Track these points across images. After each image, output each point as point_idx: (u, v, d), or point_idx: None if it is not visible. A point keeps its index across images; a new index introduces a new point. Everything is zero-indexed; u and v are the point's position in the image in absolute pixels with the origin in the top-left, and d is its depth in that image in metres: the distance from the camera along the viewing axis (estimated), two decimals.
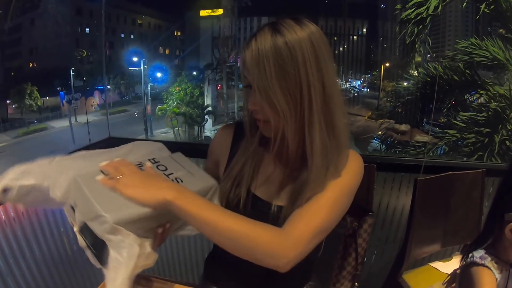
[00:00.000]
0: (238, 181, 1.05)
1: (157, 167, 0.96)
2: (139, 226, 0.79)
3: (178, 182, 0.93)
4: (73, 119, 29.18)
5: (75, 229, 0.86)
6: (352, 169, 0.99)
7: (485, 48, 8.55)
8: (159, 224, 0.86)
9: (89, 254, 0.85)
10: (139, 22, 43.34)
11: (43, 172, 0.88)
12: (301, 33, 0.85)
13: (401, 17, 9.53)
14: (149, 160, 0.98)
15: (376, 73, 37.32)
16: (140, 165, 0.92)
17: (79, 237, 0.86)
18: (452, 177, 1.84)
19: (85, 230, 0.82)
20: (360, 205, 1.23)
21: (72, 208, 0.85)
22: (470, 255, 1.26)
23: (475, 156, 8.12)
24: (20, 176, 0.87)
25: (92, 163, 0.89)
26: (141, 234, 0.80)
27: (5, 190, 0.88)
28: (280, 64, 0.83)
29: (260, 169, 1.08)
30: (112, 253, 0.75)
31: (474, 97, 8.98)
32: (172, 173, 0.96)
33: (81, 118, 29.86)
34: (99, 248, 0.80)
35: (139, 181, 0.81)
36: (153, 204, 0.78)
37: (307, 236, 0.83)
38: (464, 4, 9.50)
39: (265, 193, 1.06)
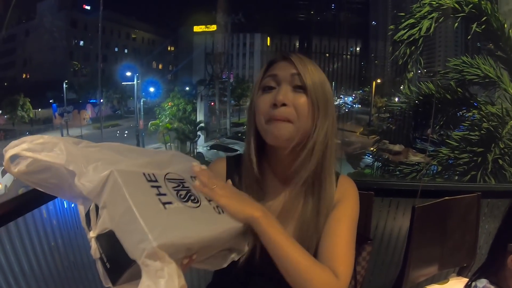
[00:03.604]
0: None
1: None
2: (177, 254, 0.68)
3: (219, 212, 0.85)
4: (65, 132, 29.07)
5: (91, 234, 0.72)
6: (354, 198, 1.06)
7: (476, 66, 8.65)
8: (186, 255, 0.74)
9: (99, 267, 0.73)
10: (133, 36, 43.75)
11: (70, 152, 0.71)
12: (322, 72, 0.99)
13: (394, 38, 9.64)
14: (191, 177, 0.88)
15: (367, 89, 37.77)
16: (182, 182, 0.84)
17: (93, 244, 0.72)
18: (449, 202, 1.85)
19: (105, 238, 0.70)
20: (359, 233, 1.23)
21: (96, 208, 0.72)
22: (473, 284, 1.26)
23: (469, 176, 8.16)
24: (39, 148, 0.71)
25: (126, 159, 0.77)
26: None
27: (15, 159, 0.72)
28: (321, 80, 0.96)
29: (266, 202, 1.05)
30: (146, 281, 0.64)
31: (466, 114, 9.05)
32: (211, 201, 0.86)
33: (73, 131, 29.78)
34: (116, 264, 0.70)
35: (231, 193, 0.86)
36: (241, 218, 0.82)
37: (349, 278, 0.92)
38: (456, 24, 9.62)
39: None
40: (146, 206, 0.68)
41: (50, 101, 32.38)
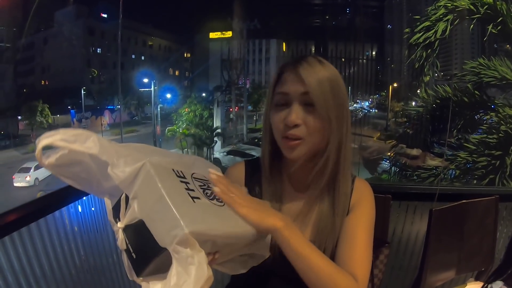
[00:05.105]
0: None
1: None
2: (204, 245, 0.69)
3: None
4: None
5: (119, 225, 0.73)
6: (371, 202, 1.06)
7: (493, 68, 8.53)
8: (210, 252, 0.74)
9: (125, 258, 0.75)
10: (149, 43, 44.23)
11: (102, 144, 0.71)
12: (335, 70, 0.97)
13: (410, 41, 9.57)
14: None
15: (384, 93, 37.51)
16: (207, 182, 0.85)
17: (120, 235, 0.73)
18: (466, 205, 1.83)
19: (132, 229, 0.72)
20: (376, 236, 1.23)
21: (126, 198, 0.73)
22: (489, 286, 1.25)
23: (487, 180, 8.03)
24: (73, 139, 0.70)
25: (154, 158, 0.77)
26: None
27: (47, 151, 0.71)
28: (333, 85, 0.93)
29: (283, 207, 1.08)
30: (177, 268, 0.65)
31: (484, 117, 8.91)
32: None
33: None
34: (142, 254, 0.71)
35: (250, 203, 0.82)
36: (261, 228, 0.80)
37: (367, 280, 0.93)
38: (472, 26, 9.51)
39: None
40: (177, 196, 0.70)
41: (68, 107, 32.89)
